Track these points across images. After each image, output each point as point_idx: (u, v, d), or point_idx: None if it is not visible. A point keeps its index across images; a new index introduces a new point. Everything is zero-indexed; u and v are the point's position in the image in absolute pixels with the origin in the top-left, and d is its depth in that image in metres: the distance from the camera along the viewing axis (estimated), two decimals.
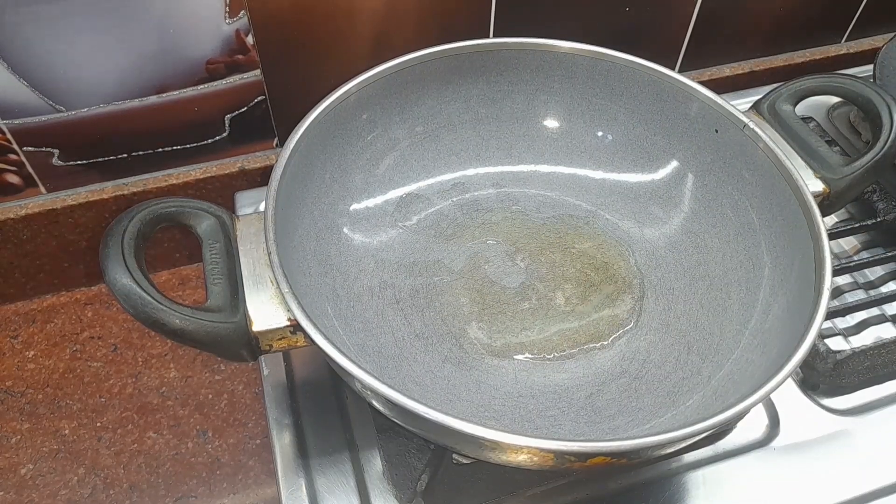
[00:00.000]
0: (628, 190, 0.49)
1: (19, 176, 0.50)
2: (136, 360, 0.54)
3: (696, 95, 0.44)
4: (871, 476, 0.42)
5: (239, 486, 0.48)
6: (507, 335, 0.43)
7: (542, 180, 0.50)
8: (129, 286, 0.32)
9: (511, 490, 0.40)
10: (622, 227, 0.48)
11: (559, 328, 0.43)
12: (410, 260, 0.46)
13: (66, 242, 0.54)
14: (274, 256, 0.34)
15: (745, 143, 0.42)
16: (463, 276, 0.45)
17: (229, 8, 0.47)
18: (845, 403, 0.46)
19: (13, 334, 0.55)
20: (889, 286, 0.51)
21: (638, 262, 0.46)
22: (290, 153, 0.39)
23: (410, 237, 0.47)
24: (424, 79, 0.45)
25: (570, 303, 0.45)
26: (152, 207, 0.35)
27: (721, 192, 0.44)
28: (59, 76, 0.46)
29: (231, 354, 0.34)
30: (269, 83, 0.52)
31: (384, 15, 0.51)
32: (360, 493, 0.40)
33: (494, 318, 0.44)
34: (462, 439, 0.30)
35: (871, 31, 0.69)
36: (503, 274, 0.46)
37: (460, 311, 0.44)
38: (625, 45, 0.47)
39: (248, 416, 0.51)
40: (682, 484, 0.42)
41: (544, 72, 0.47)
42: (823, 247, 0.36)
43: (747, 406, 0.31)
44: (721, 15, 0.61)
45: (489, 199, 0.49)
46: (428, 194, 0.48)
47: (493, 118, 0.48)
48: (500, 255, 0.47)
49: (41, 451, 0.49)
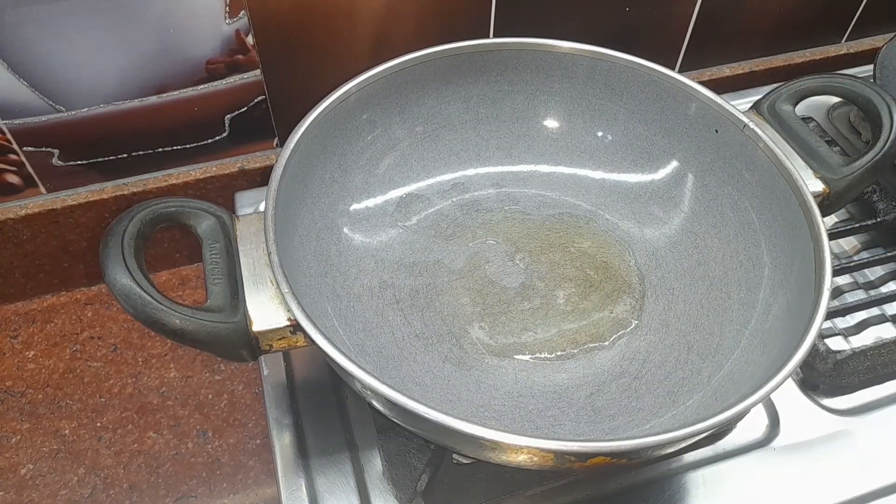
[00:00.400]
0: (628, 190, 0.49)
1: (19, 176, 0.50)
2: (136, 360, 0.54)
3: (696, 95, 0.44)
4: (871, 476, 0.42)
5: (239, 486, 0.48)
6: (508, 335, 0.43)
7: (542, 180, 0.50)
8: (129, 286, 0.32)
9: (511, 490, 0.40)
10: (622, 227, 0.48)
11: (559, 328, 0.43)
12: (410, 260, 0.46)
13: (66, 242, 0.54)
14: (274, 256, 0.34)
15: (745, 143, 0.42)
16: (463, 276, 0.45)
17: (229, 8, 0.47)
18: (845, 403, 0.46)
19: (13, 334, 0.55)
20: (889, 286, 0.51)
21: (638, 262, 0.46)
22: (290, 153, 0.39)
23: (410, 237, 0.47)
24: (424, 79, 0.45)
25: (570, 303, 0.45)
26: (152, 207, 0.35)
27: (721, 192, 0.44)
28: (59, 76, 0.46)
29: (231, 354, 0.34)
30: (269, 83, 0.52)
31: (384, 15, 0.51)
32: (360, 493, 0.40)
33: (495, 318, 0.44)
34: (462, 439, 0.30)
35: (871, 31, 0.69)
36: (503, 274, 0.46)
37: (460, 311, 0.44)
38: (625, 45, 0.47)
39: (248, 416, 0.51)
40: (682, 484, 0.42)
41: (544, 72, 0.47)
42: (823, 247, 0.36)
43: (747, 406, 0.31)
44: (721, 15, 0.61)
45: (489, 199, 0.49)
46: (428, 194, 0.48)
47: (493, 118, 0.48)
48: (500, 255, 0.47)
49: (41, 451, 0.49)
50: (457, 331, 0.43)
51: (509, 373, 0.41)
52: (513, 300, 0.45)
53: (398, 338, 0.42)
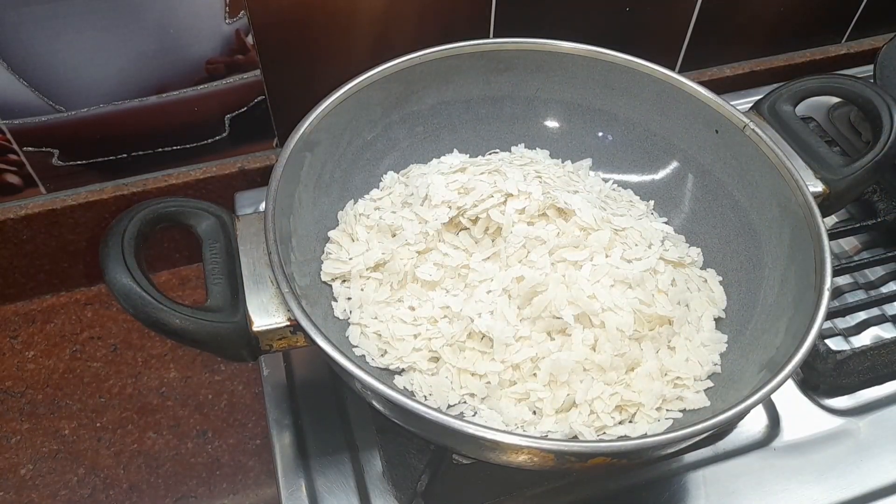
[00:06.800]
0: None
1: (19, 176, 0.50)
2: (136, 360, 0.54)
3: (696, 95, 0.44)
4: (871, 476, 0.42)
5: (239, 486, 0.48)
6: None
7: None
8: (129, 286, 0.32)
9: (511, 490, 0.40)
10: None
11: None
12: None
13: (65, 242, 0.54)
14: (274, 256, 0.34)
15: (746, 143, 0.42)
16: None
17: (229, 8, 0.47)
18: (845, 403, 0.46)
19: (13, 334, 0.55)
20: (889, 286, 0.51)
21: None
22: (290, 153, 0.39)
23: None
24: (424, 79, 0.45)
25: None
26: (152, 207, 0.35)
27: (721, 193, 0.44)
28: (59, 76, 0.46)
29: (231, 354, 0.34)
30: (269, 83, 0.52)
31: (384, 15, 0.51)
32: (360, 494, 0.40)
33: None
34: (462, 439, 0.30)
35: (871, 31, 0.69)
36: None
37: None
38: (625, 45, 0.47)
39: (248, 416, 0.51)
40: (682, 484, 0.42)
41: (544, 72, 0.47)
42: (823, 247, 0.36)
43: (747, 406, 0.31)
44: (721, 15, 0.61)
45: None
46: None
47: (493, 118, 0.48)
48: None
49: (41, 451, 0.49)
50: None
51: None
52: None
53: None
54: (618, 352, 0.36)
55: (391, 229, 0.41)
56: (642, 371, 0.36)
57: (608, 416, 0.35)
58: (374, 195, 0.44)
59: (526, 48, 0.46)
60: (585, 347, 0.36)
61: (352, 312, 0.39)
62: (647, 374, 0.36)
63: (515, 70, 0.47)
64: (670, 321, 0.38)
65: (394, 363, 0.37)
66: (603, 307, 0.36)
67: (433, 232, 0.39)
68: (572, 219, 0.39)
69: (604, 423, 0.35)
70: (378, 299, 0.39)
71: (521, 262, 0.38)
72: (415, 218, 0.40)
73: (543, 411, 0.35)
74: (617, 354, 0.36)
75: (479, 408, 0.36)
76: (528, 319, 0.37)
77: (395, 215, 0.41)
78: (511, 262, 0.38)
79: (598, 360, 0.35)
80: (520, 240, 0.38)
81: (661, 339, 0.38)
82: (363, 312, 0.39)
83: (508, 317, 0.37)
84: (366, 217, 0.42)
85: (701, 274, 0.42)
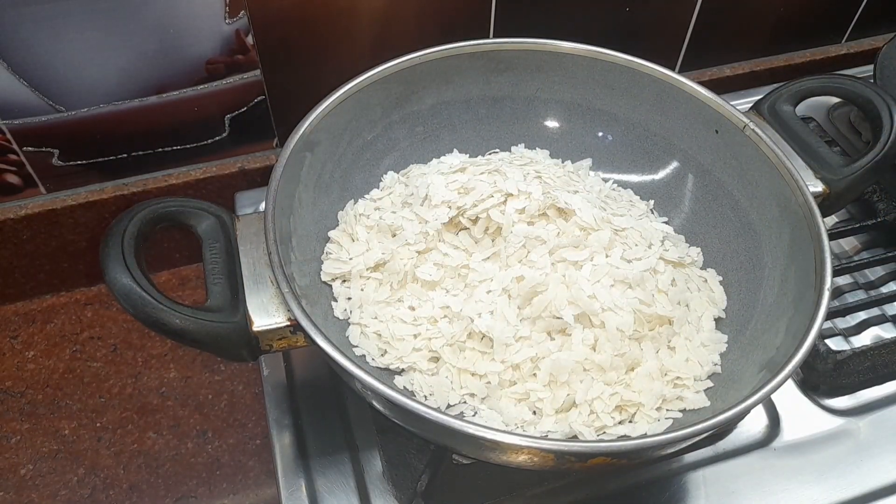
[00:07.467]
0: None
1: (19, 176, 0.50)
2: (136, 360, 0.54)
3: (696, 95, 0.44)
4: (871, 476, 0.42)
5: (239, 486, 0.48)
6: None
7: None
8: (129, 286, 0.32)
9: (511, 490, 0.40)
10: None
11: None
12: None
13: (65, 242, 0.54)
14: (274, 256, 0.34)
15: (746, 143, 0.42)
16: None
17: (229, 8, 0.47)
18: (845, 403, 0.46)
19: (13, 334, 0.55)
20: (889, 286, 0.51)
21: None
22: (290, 153, 0.39)
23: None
24: (424, 79, 0.45)
25: None
26: (152, 207, 0.35)
27: (721, 193, 0.44)
28: (59, 76, 0.46)
29: (231, 354, 0.34)
30: (269, 83, 0.52)
31: (384, 15, 0.51)
32: (360, 494, 0.40)
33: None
34: (462, 439, 0.30)
35: (871, 31, 0.69)
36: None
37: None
38: (625, 45, 0.47)
39: (248, 416, 0.51)
40: (682, 484, 0.42)
41: (544, 72, 0.47)
42: (823, 247, 0.36)
43: (747, 406, 0.31)
44: (721, 15, 0.61)
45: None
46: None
47: (493, 118, 0.48)
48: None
49: (41, 451, 0.49)
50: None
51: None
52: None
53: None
54: (618, 352, 0.36)
55: (391, 229, 0.41)
56: (642, 371, 0.36)
57: (608, 416, 0.35)
58: (374, 195, 0.44)
59: (526, 48, 0.46)
60: (585, 347, 0.36)
61: (352, 312, 0.39)
62: (647, 374, 0.36)
63: (515, 70, 0.47)
64: (670, 321, 0.38)
65: (394, 363, 0.37)
66: (603, 307, 0.36)
67: (433, 232, 0.39)
68: (572, 219, 0.39)
69: (604, 423, 0.35)
70: (378, 299, 0.39)
71: (521, 262, 0.38)
72: (415, 218, 0.40)
73: (543, 411, 0.35)
74: (617, 354, 0.36)
75: (479, 408, 0.36)
76: (528, 319, 0.37)
77: (395, 215, 0.41)
78: (511, 262, 0.38)
79: (598, 360, 0.35)
80: (520, 240, 0.38)
81: (661, 339, 0.38)
82: (363, 312, 0.39)
83: (508, 317, 0.37)
84: (366, 217, 0.42)
85: (701, 274, 0.42)
